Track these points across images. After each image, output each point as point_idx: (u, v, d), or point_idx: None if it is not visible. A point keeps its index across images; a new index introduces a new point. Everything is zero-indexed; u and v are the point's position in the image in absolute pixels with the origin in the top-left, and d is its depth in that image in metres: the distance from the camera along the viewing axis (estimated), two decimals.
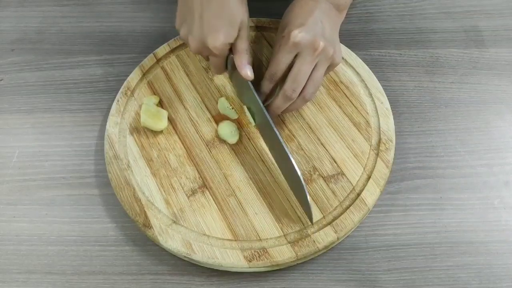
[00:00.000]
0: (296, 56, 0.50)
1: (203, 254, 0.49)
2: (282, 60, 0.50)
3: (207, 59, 0.56)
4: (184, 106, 0.59)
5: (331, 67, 0.52)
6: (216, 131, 0.57)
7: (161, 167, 0.55)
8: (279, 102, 0.52)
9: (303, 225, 0.50)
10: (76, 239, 0.54)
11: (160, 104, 0.60)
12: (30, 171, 0.58)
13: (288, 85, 0.50)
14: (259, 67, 0.62)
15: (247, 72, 0.52)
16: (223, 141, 0.56)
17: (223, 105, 0.58)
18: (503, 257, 0.51)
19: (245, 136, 0.57)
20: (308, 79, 0.50)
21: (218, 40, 0.49)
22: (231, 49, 0.53)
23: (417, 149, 0.58)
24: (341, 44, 0.62)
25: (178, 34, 0.55)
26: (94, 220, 0.55)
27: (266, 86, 0.53)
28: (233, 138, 0.56)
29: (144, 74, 0.62)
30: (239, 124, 0.57)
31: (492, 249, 0.51)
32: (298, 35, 0.49)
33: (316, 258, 0.51)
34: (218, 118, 0.58)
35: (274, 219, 0.51)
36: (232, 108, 0.58)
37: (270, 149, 0.54)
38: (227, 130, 0.56)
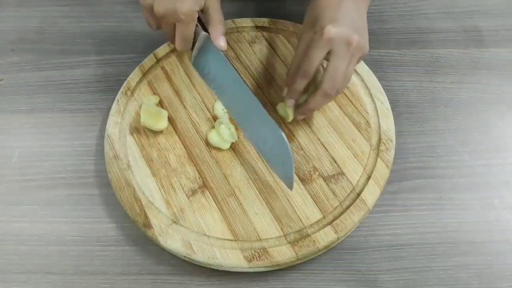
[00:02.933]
0: (329, 52, 0.49)
1: (203, 254, 0.49)
2: (315, 57, 0.49)
3: (172, 33, 0.52)
4: (184, 106, 0.59)
5: (361, 57, 0.51)
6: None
7: (161, 167, 0.55)
8: (318, 101, 0.51)
9: (303, 224, 0.50)
10: (76, 239, 0.54)
11: (160, 104, 0.60)
12: (30, 171, 0.58)
13: (326, 84, 0.49)
14: (259, 68, 0.62)
15: (221, 42, 0.50)
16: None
17: (219, 108, 0.58)
18: (503, 257, 0.51)
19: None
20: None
21: (186, 4, 0.48)
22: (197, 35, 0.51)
23: (417, 149, 0.58)
24: None
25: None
26: (94, 220, 0.55)
27: (300, 83, 0.51)
28: (226, 144, 0.55)
29: (144, 74, 0.62)
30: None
31: (492, 249, 0.51)
32: (331, 30, 0.47)
33: (316, 258, 0.51)
34: (217, 118, 0.58)
35: (274, 219, 0.51)
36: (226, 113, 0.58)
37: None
38: (215, 138, 0.55)
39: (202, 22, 0.53)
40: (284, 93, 0.54)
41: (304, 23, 0.53)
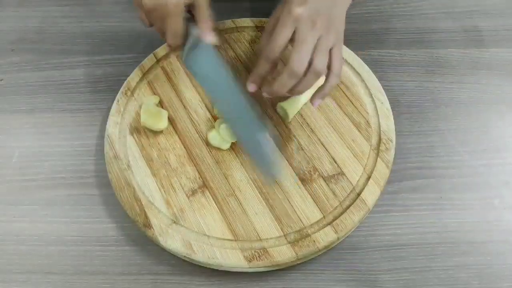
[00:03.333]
0: (295, 32, 0.47)
1: (203, 254, 0.49)
2: (280, 36, 0.47)
3: (162, 31, 0.52)
4: (184, 106, 0.59)
5: (336, 47, 0.50)
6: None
7: (161, 167, 0.55)
8: (284, 79, 0.48)
9: (303, 224, 0.50)
10: (76, 239, 0.54)
11: (160, 104, 0.60)
12: (30, 171, 0.58)
13: (294, 58, 0.47)
14: None
15: (209, 37, 0.50)
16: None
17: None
18: (503, 257, 0.51)
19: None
20: (315, 50, 0.47)
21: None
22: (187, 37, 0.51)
23: (417, 149, 0.58)
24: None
25: None
26: (94, 220, 0.55)
27: (263, 66, 0.49)
28: (226, 144, 0.55)
29: (144, 74, 0.62)
30: None
31: (492, 249, 0.51)
32: (297, 9, 0.47)
33: (316, 258, 0.51)
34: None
35: (274, 219, 0.51)
36: None
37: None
38: (216, 138, 0.55)
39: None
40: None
41: (276, 7, 0.52)
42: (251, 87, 0.51)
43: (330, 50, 0.49)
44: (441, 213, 0.53)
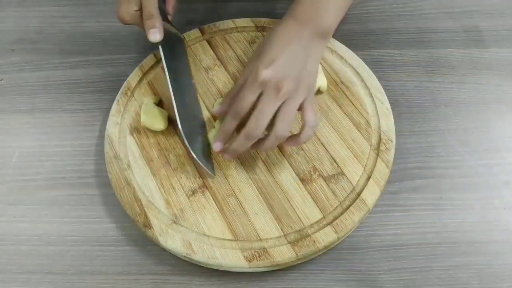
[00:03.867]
0: (260, 94, 0.48)
1: (203, 254, 0.49)
2: (246, 98, 0.48)
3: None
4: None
5: (306, 100, 0.50)
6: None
7: (161, 167, 0.55)
8: (241, 141, 0.49)
9: (303, 224, 0.50)
10: (76, 239, 0.54)
11: (160, 104, 0.60)
12: (30, 171, 0.58)
13: (250, 124, 0.48)
14: None
15: (150, 35, 0.50)
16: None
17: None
18: (503, 257, 0.51)
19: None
20: (276, 115, 0.48)
21: (121, 12, 0.51)
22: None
23: (417, 149, 0.58)
24: (341, 44, 0.62)
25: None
26: (94, 220, 0.55)
27: (229, 124, 0.50)
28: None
29: (144, 74, 0.62)
30: None
31: (492, 249, 0.51)
32: (265, 74, 0.47)
33: (316, 258, 0.51)
34: (217, 118, 0.58)
35: (274, 219, 0.51)
36: None
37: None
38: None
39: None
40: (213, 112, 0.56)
41: (251, 55, 0.53)
42: (217, 146, 0.51)
43: (301, 105, 0.50)
44: (441, 213, 0.53)
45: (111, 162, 0.55)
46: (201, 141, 0.55)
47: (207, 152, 0.55)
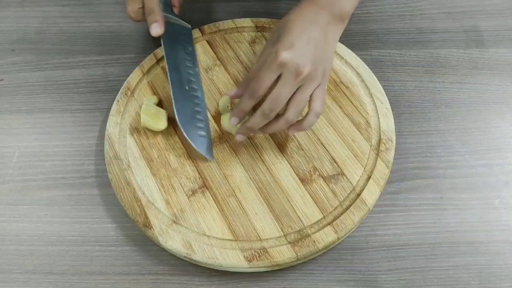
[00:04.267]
0: (279, 76, 0.48)
1: (203, 254, 0.49)
2: (265, 78, 0.48)
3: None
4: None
5: (319, 87, 0.50)
6: (216, 130, 0.57)
7: (161, 167, 0.55)
8: (256, 119, 0.50)
9: (303, 224, 0.50)
10: (77, 239, 0.54)
11: (160, 104, 0.60)
12: (30, 171, 0.58)
13: (266, 105, 0.49)
14: None
15: (152, 30, 0.56)
16: (223, 141, 0.56)
17: (224, 104, 0.58)
18: (503, 257, 0.51)
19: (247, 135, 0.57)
20: (290, 101, 0.49)
21: (128, 11, 0.56)
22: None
23: (417, 149, 0.58)
24: (341, 44, 0.62)
25: None
26: (94, 220, 0.55)
27: (246, 103, 0.50)
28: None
29: (144, 74, 0.62)
30: None
31: (492, 249, 0.51)
32: (285, 55, 0.47)
33: (316, 258, 0.51)
34: (218, 117, 0.58)
35: (274, 219, 0.51)
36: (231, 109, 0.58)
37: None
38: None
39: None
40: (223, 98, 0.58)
41: (268, 38, 0.53)
42: (233, 120, 0.52)
43: (313, 91, 0.50)
44: (441, 213, 0.53)
45: (111, 162, 0.55)
46: (200, 127, 0.56)
47: (207, 137, 0.56)
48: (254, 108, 0.51)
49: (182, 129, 0.54)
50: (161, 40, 0.57)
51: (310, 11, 0.51)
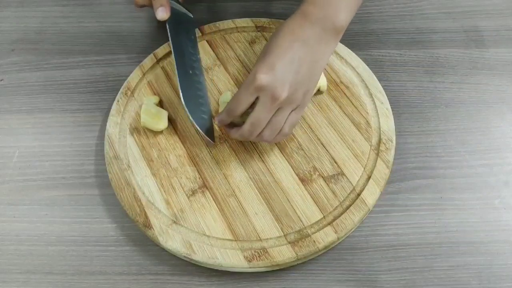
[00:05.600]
0: (257, 98, 0.48)
1: (203, 254, 0.49)
2: (242, 101, 0.48)
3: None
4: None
5: (296, 110, 0.50)
6: (216, 130, 0.57)
7: (161, 167, 0.55)
8: (236, 136, 0.51)
9: (303, 224, 0.50)
10: (76, 239, 0.54)
11: (160, 104, 0.60)
12: (30, 171, 0.58)
13: (246, 127, 0.49)
14: None
15: (158, 13, 0.57)
16: (223, 141, 0.56)
17: (224, 100, 0.58)
18: (503, 257, 0.51)
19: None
20: (269, 122, 0.49)
21: None
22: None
23: (417, 149, 0.58)
24: (341, 44, 0.62)
25: None
26: (94, 220, 0.55)
27: (224, 119, 0.51)
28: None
29: (144, 74, 0.62)
30: None
31: (492, 249, 0.51)
32: (263, 79, 0.46)
33: (316, 258, 0.51)
34: None
35: (274, 219, 0.51)
36: None
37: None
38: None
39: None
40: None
41: (260, 53, 0.51)
42: (217, 122, 0.53)
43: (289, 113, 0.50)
44: (441, 213, 0.53)
45: (111, 162, 0.55)
46: (203, 110, 0.56)
47: (208, 121, 0.56)
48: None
49: (186, 109, 0.54)
50: (166, 25, 0.58)
51: (299, 28, 0.49)
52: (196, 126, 0.54)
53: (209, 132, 0.55)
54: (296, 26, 0.49)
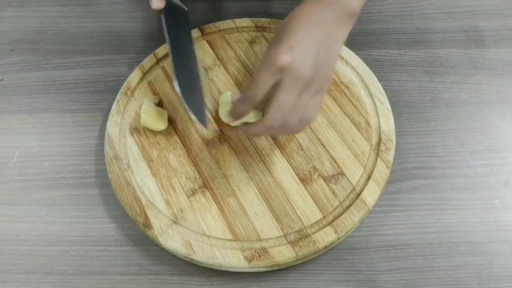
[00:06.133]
0: (278, 81, 0.44)
1: (203, 254, 0.49)
2: (262, 83, 0.44)
3: None
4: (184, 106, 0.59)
5: (318, 94, 0.47)
6: (216, 130, 0.57)
7: (161, 167, 0.55)
8: (259, 129, 0.47)
9: (303, 224, 0.50)
10: (76, 239, 0.54)
11: (160, 104, 0.60)
12: (30, 171, 0.58)
13: (271, 115, 0.45)
14: None
15: (153, 3, 0.53)
16: (223, 141, 0.56)
17: (224, 99, 0.58)
18: (503, 257, 0.51)
19: (245, 135, 0.57)
20: (292, 108, 0.45)
21: None
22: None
23: (417, 149, 0.58)
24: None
25: None
26: (94, 220, 0.55)
27: (243, 108, 0.47)
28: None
29: (144, 74, 0.62)
30: None
31: (492, 249, 0.51)
32: (285, 59, 0.43)
33: (316, 258, 0.51)
34: (219, 117, 0.58)
35: (274, 219, 0.51)
36: None
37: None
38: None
39: None
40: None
41: (271, 40, 0.49)
42: (230, 119, 0.49)
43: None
44: (441, 213, 0.53)
45: (111, 162, 0.55)
46: (197, 97, 0.54)
47: (202, 107, 0.53)
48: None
49: (179, 94, 0.50)
50: (161, 15, 0.56)
51: (314, 10, 0.47)
52: (189, 109, 0.50)
53: (203, 116, 0.52)
54: (310, 10, 0.47)
